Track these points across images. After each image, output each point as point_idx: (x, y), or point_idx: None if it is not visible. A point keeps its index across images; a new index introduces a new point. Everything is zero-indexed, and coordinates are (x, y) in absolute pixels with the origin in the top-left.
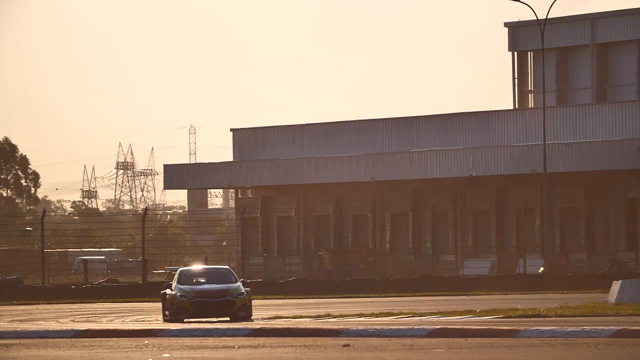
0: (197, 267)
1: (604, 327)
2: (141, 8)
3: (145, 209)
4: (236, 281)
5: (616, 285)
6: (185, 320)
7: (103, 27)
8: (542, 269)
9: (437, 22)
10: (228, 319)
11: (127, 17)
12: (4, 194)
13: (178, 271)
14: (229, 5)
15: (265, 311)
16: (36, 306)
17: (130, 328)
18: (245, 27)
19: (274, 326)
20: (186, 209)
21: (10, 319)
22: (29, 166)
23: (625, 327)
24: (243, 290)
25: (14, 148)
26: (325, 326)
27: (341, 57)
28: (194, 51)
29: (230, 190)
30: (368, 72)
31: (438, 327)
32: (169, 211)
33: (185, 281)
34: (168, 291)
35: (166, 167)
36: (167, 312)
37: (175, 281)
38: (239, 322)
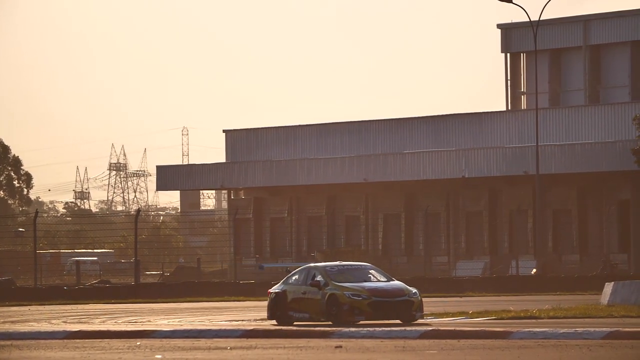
0: (333, 263)
1: (597, 329)
2: (135, 9)
3: (138, 210)
4: (391, 279)
5: (609, 287)
6: (358, 322)
7: (96, 28)
8: (534, 270)
9: (430, 23)
10: (399, 321)
11: (120, 18)
12: None
13: (320, 267)
14: (221, 6)
15: (258, 312)
16: (28, 307)
17: (123, 329)
18: (238, 29)
19: (267, 327)
20: (179, 210)
21: (2, 320)
22: (22, 167)
23: (617, 328)
24: (415, 290)
25: (6, 149)
26: (317, 327)
27: (334, 59)
28: (186, 52)
29: (223, 191)
30: (361, 73)
31: (430, 328)
32: (161, 212)
33: (341, 278)
34: (309, 289)
35: (159, 168)
36: (299, 314)
37: (324, 278)
38: (415, 324)
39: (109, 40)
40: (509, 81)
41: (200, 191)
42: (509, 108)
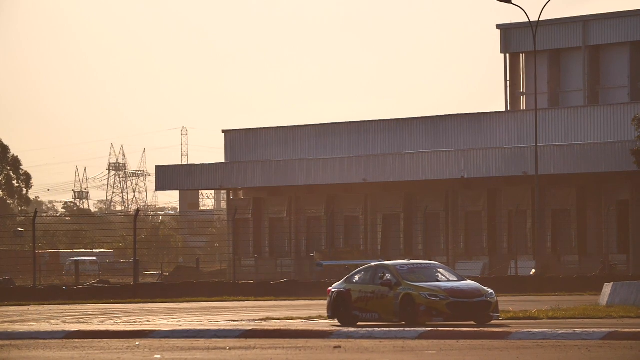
0: (403, 261)
1: (596, 330)
2: (134, 10)
3: (137, 210)
4: (463, 278)
5: (608, 288)
6: (430, 323)
7: (96, 29)
8: (533, 270)
9: (429, 24)
10: (473, 322)
11: (119, 18)
12: None
13: (390, 266)
14: (221, 7)
15: (257, 312)
16: (27, 307)
17: (122, 329)
18: (237, 29)
19: (265, 328)
20: (178, 210)
21: (1, 320)
22: (21, 167)
23: (616, 329)
24: (491, 291)
25: (5, 149)
26: (316, 328)
27: (333, 59)
28: (185, 53)
29: (222, 191)
30: (360, 73)
31: (429, 328)
32: (160, 212)
33: (413, 278)
34: (379, 288)
35: (158, 168)
36: (367, 314)
37: (395, 277)
38: (491, 325)
39: (109, 41)
40: (508, 81)
41: (200, 191)
42: (508, 108)
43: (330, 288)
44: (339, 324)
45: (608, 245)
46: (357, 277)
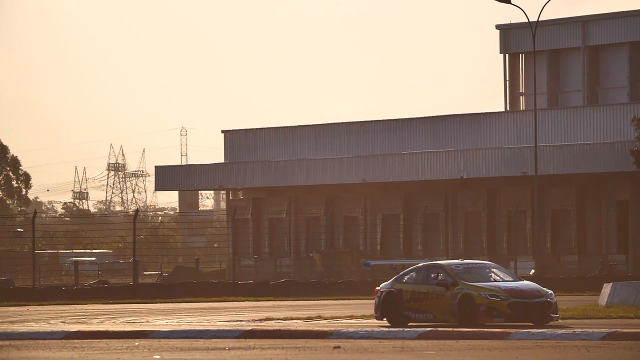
0: (456, 261)
1: (595, 330)
2: (133, 10)
3: (136, 211)
4: (518, 278)
5: (607, 288)
6: (490, 323)
7: (95, 29)
8: (533, 271)
9: (429, 24)
10: (531, 323)
11: (119, 18)
12: None
13: (445, 266)
14: (221, 7)
15: (256, 313)
16: (27, 307)
17: (121, 329)
18: (237, 29)
19: (265, 328)
20: (177, 211)
21: (1, 320)
22: (20, 167)
23: (616, 329)
24: (550, 291)
25: (5, 149)
26: (316, 328)
27: (332, 59)
28: (185, 53)
29: (222, 191)
30: (360, 73)
31: (429, 329)
32: (160, 212)
33: (469, 277)
34: (434, 288)
35: (157, 168)
36: (420, 314)
37: (451, 277)
38: (550, 326)
39: (108, 41)
40: (507, 82)
41: (199, 191)
42: (508, 109)
43: (378, 288)
44: (389, 324)
45: (607, 246)
46: (406, 277)
